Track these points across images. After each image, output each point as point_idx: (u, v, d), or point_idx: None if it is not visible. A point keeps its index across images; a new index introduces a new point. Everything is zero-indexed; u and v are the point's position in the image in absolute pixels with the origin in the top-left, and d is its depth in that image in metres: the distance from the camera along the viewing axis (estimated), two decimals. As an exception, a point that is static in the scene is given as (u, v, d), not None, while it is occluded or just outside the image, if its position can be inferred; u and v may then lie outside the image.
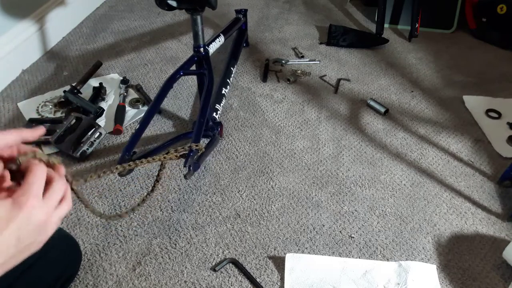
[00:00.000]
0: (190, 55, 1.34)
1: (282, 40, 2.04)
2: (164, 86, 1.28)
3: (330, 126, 1.53)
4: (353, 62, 1.90)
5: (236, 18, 1.67)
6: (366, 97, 1.66)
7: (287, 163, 1.37)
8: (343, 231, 1.16)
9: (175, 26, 2.13)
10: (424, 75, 1.83)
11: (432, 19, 2.13)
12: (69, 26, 2.05)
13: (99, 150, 1.39)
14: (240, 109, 1.60)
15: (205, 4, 1.21)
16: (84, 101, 1.47)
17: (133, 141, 1.17)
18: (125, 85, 1.63)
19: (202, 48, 1.30)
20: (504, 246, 1.08)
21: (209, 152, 1.29)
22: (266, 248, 1.11)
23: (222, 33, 1.62)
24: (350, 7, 2.37)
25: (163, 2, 1.18)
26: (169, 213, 1.19)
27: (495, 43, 2.04)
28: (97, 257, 1.08)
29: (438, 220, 1.20)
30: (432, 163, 1.39)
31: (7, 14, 1.66)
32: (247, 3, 2.37)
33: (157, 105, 1.30)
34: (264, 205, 1.23)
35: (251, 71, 1.81)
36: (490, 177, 1.34)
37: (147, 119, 1.24)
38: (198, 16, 1.24)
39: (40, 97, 1.59)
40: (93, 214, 0.74)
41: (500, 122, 1.55)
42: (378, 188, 1.29)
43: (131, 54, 1.89)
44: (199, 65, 1.32)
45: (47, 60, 1.82)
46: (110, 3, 2.33)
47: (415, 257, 1.10)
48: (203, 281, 1.03)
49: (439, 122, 1.56)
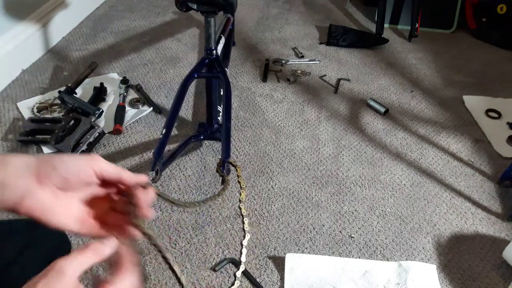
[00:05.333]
0: (201, 58, 1.34)
1: (282, 40, 2.04)
2: (180, 90, 1.28)
3: (330, 126, 1.53)
4: (353, 62, 1.90)
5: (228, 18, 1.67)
6: (366, 97, 1.66)
7: (287, 163, 1.37)
8: (343, 231, 1.16)
9: (175, 26, 2.13)
10: (424, 75, 1.83)
11: (432, 19, 2.13)
12: (69, 26, 2.04)
13: (99, 150, 1.39)
14: (240, 109, 1.60)
15: (226, 8, 1.21)
16: (80, 101, 1.47)
17: (162, 146, 1.18)
18: (125, 85, 1.63)
19: (215, 51, 1.30)
20: (504, 246, 1.08)
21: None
22: (266, 248, 1.11)
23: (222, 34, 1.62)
24: (350, 7, 2.37)
25: (183, 4, 1.17)
26: (169, 213, 1.19)
27: (495, 43, 2.04)
28: (97, 257, 1.08)
29: (438, 220, 1.20)
30: (432, 163, 1.39)
31: (7, 14, 1.66)
32: (247, 3, 2.37)
33: (177, 109, 1.30)
34: (264, 205, 1.23)
35: (251, 71, 1.81)
36: (490, 177, 1.34)
37: (171, 123, 1.24)
38: (212, 18, 1.24)
39: (40, 97, 1.59)
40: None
41: (500, 122, 1.55)
42: (378, 188, 1.29)
43: (131, 54, 1.89)
44: (210, 67, 1.32)
45: (47, 60, 1.82)
46: (110, 3, 2.32)
47: (415, 257, 1.10)
48: (203, 281, 1.03)
49: (439, 122, 1.56)
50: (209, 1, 1.18)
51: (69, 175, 0.45)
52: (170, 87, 1.69)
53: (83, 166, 0.46)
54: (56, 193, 0.45)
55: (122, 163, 1.34)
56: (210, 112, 1.40)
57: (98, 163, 0.47)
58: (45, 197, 0.44)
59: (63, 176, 0.45)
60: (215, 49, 1.30)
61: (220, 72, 1.32)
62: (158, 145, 1.17)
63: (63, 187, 0.46)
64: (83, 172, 0.46)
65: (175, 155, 1.29)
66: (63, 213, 0.46)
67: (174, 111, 1.26)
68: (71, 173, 0.45)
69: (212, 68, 1.32)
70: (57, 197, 0.45)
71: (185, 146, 1.34)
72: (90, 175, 0.47)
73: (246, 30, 2.12)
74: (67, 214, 0.46)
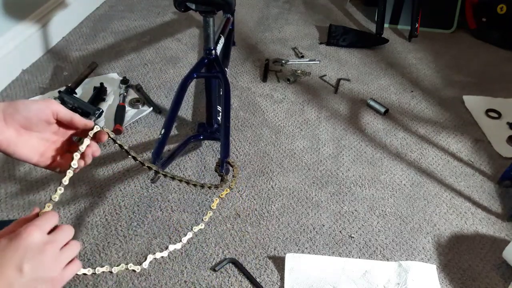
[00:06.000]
0: (200, 58, 1.34)
1: (282, 40, 2.04)
2: (179, 91, 1.28)
3: (330, 126, 1.53)
4: (353, 62, 1.90)
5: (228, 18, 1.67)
6: (366, 97, 1.66)
7: (287, 163, 1.37)
8: (343, 231, 1.16)
9: (175, 26, 2.13)
10: (424, 75, 1.83)
11: (432, 19, 2.13)
12: (69, 26, 2.05)
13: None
14: (240, 109, 1.60)
15: (224, 7, 1.21)
16: (80, 101, 1.47)
17: (161, 146, 1.17)
18: (125, 85, 1.63)
19: (214, 51, 1.30)
20: (504, 246, 1.08)
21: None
22: (266, 248, 1.11)
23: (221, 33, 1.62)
24: (350, 7, 2.37)
25: (181, 4, 1.17)
26: (169, 213, 1.19)
27: (495, 43, 2.04)
28: (97, 257, 1.08)
29: (438, 220, 1.20)
30: (432, 163, 1.39)
31: (7, 14, 1.66)
32: (247, 3, 2.37)
33: (176, 110, 1.29)
34: (264, 205, 1.23)
35: (251, 71, 1.81)
36: (490, 177, 1.34)
37: (169, 124, 1.24)
38: (211, 18, 1.24)
39: (40, 97, 1.59)
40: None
41: (500, 122, 1.55)
42: (378, 188, 1.29)
43: (131, 54, 1.89)
44: (209, 67, 1.32)
45: (47, 60, 1.82)
46: (110, 3, 2.33)
47: (415, 257, 1.10)
48: (203, 281, 1.03)
49: (439, 122, 1.56)
50: (207, 1, 1.18)
51: (30, 115, 0.55)
52: (170, 87, 1.69)
53: (42, 107, 0.56)
54: (19, 131, 0.56)
55: (122, 163, 1.34)
56: (209, 112, 1.40)
57: (54, 105, 0.57)
58: (10, 134, 0.55)
59: (24, 116, 0.55)
60: (214, 49, 1.30)
61: (219, 72, 1.32)
62: (156, 145, 1.16)
63: (26, 126, 0.56)
64: (42, 112, 0.56)
65: (175, 155, 1.29)
66: (25, 147, 0.57)
67: (173, 111, 1.26)
68: (32, 114, 0.56)
69: (211, 68, 1.32)
70: (21, 135, 0.56)
71: (185, 146, 1.34)
72: (47, 115, 0.57)
73: (246, 30, 2.12)
74: (28, 148, 0.57)
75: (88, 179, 1.29)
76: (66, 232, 0.52)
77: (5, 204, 1.20)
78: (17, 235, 0.47)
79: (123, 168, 1.32)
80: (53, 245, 0.49)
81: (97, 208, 1.20)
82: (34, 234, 0.48)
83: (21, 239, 0.47)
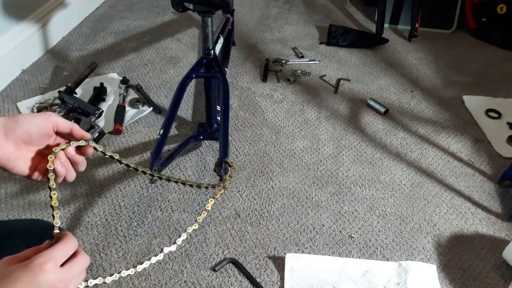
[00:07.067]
0: (199, 58, 1.34)
1: (282, 40, 2.04)
2: (178, 91, 1.28)
3: (330, 126, 1.53)
4: (353, 62, 1.90)
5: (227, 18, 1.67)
6: (366, 97, 1.66)
7: (287, 163, 1.37)
8: (343, 231, 1.16)
9: (175, 26, 2.13)
10: (424, 75, 1.83)
11: (432, 19, 2.13)
12: (69, 26, 2.04)
13: (99, 150, 1.39)
14: (240, 109, 1.60)
15: (223, 7, 1.21)
16: (80, 101, 1.47)
17: (160, 146, 1.17)
18: (125, 85, 1.63)
19: (212, 51, 1.30)
20: (504, 246, 1.08)
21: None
22: (266, 248, 1.11)
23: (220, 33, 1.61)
24: (350, 7, 2.37)
25: (179, 4, 1.17)
26: (169, 213, 1.19)
27: (495, 43, 2.04)
28: (97, 257, 1.08)
29: (438, 220, 1.20)
30: (432, 163, 1.39)
31: (7, 14, 1.66)
32: (247, 3, 2.37)
33: (175, 110, 1.29)
34: (264, 205, 1.23)
35: (251, 71, 1.81)
36: (490, 177, 1.34)
37: (168, 124, 1.24)
38: (209, 18, 1.24)
39: (40, 97, 1.59)
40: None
41: (500, 122, 1.55)
42: (378, 188, 1.29)
43: (131, 54, 1.89)
44: (208, 67, 1.32)
45: (47, 60, 1.82)
46: (110, 3, 2.32)
47: (415, 257, 1.10)
48: (203, 281, 1.03)
49: (439, 122, 1.56)
50: (205, 1, 1.18)
51: (31, 129, 0.56)
52: (170, 87, 1.69)
53: (42, 121, 0.56)
54: (19, 145, 0.56)
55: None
56: (209, 112, 1.40)
57: (53, 117, 0.58)
58: (9, 149, 0.55)
59: (25, 130, 0.55)
60: (213, 49, 1.30)
61: (219, 72, 1.31)
62: (155, 145, 1.16)
63: (26, 141, 0.56)
64: (42, 125, 0.56)
65: (174, 155, 1.29)
66: (24, 162, 0.57)
67: (172, 111, 1.26)
68: (33, 128, 0.56)
69: (210, 68, 1.32)
70: (20, 149, 0.56)
71: (185, 146, 1.34)
72: (48, 128, 0.57)
73: (246, 30, 2.12)
74: (26, 162, 0.57)
75: (88, 179, 1.29)
76: (81, 265, 0.51)
77: (5, 204, 1.20)
78: (30, 268, 0.45)
79: (123, 168, 1.32)
80: (64, 284, 0.48)
81: (97, 208, 1.20)
82: (48, 270, 0.46)
83: (33, 274, 0.45)
